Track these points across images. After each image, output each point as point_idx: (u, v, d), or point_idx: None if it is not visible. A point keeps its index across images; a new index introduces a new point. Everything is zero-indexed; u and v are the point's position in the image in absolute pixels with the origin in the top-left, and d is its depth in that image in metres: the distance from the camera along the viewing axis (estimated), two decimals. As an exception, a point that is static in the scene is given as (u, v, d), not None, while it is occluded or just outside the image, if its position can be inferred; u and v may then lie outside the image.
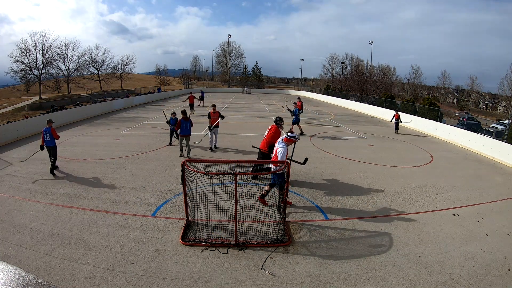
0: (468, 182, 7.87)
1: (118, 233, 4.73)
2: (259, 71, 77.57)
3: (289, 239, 4.63)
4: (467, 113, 38.16)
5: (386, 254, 4.41)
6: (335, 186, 7.12)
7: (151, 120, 17.09)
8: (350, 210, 5.85)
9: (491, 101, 56.92)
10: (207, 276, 3.80)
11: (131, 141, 11.31)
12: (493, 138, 11.96)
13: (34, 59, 39.36)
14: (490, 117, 43.59)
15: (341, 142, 12.36)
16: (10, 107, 33.28)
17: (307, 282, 3.74)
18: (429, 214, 5.79)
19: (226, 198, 4.70)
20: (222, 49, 70.99)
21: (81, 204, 5.78)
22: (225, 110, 22.26)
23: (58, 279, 3.60)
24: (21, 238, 4.52)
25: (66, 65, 44.81)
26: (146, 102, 28.09)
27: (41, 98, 38.35)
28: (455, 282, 3.83)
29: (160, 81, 62.62)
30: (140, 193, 6.34)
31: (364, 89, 39.89)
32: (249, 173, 4.35)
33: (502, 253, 4.52)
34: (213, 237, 4.59)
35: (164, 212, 5.50)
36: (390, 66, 53.14)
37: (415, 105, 24.55)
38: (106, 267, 3.87)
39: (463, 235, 5.05)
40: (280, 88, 64.63)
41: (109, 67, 53.26)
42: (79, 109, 18.50)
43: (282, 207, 4.89)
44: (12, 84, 42.63)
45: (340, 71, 55.72)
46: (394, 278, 3.85)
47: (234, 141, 11.59)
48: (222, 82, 67.87)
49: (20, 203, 5.77)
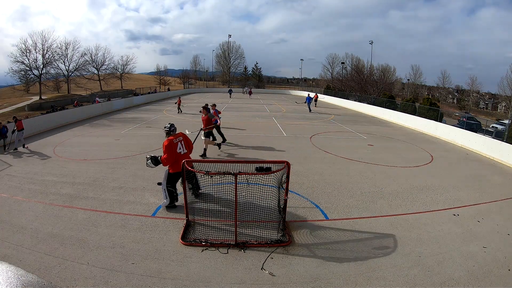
0: (468, 182, 7.87)
1: (118, 233, 4.73)
2: (259, 71, 77.66)
3: (289, 239, 4.62)
4: (467, 113, 38.12)
5: (386, 254, 4.40)
6: (335, 186, 7.12)
7: (151, 120, 17.09)
8: (350, 210, 5.85)
9: (491, 101, 56.91)
10: (207, 276, 3.79)
11: (131, 141, 11.31)
12: (493, 138, 11.95)
13: (34, 59, 39.47)
14: (490, 117, 43.57)
15: (341, 142, 12.36)
16: (10, 107, 33.29)
17: (307, 282, 3.74)
18: (429, 214, 5.79)
19: (226, 198, 4.70)
20: (222, 49, 71.06)
21: (81, 204, 5.78)
22: (225, 110, 22.28)
23: (58, 279, 3.60)
24: (21, 238, 4.52)
25: (66, 65, 44.95)
26: (146, 102, 28.12)
27: (41, 98, 38.38)
28: (455, 282, 3.83)
29: (160, 81, 62.66)
30: (140, 193, 6.34)
31: (364, 89, 39.89)
32: (249, 173, 4.34)
33: (502, 253, 4.52)
34: (213, 237, 4.59)
35: (164, 212, 5.50)
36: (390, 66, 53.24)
37: (415, 105, 24.52)
38: (106, 267, 3.87)
39: (463, 235, 5.05)
40: (280, 88, 64.60)
41: (109, 67, 53.36)
42: (79, 109, 18.51)
43: (282, 207, 4.88)
44: (12, 84, 42.65)
45: (340, 71, 55.76)
46: (394, 278, 3.85)
47: (234, 141, 11.59)
48: (222, 82, 67.85)
49: (20, 203, 5.77)
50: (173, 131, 5.57)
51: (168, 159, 5.28)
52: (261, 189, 4.77)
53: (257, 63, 77.32)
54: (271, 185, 4.87)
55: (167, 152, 5.28)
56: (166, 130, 5.57)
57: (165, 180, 5.46)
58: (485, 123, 22.54)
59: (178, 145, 5.48)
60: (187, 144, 5.72)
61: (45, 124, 13.85)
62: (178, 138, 5.55)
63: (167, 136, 5.54)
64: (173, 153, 5.33)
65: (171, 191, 5.53)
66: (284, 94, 49.76)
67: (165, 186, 5.45)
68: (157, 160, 5.44)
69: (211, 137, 9.53)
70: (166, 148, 5.28)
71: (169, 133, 5.54)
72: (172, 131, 5.55)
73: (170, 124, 5.64)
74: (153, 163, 5.45)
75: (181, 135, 5.69)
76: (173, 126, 5.61)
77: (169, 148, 5.29)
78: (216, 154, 9.50)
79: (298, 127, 15.74)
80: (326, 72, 67.10)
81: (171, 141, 5.38)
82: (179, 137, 5.60)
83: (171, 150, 5.32)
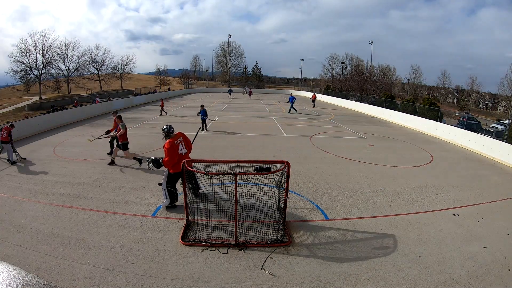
0: (468, 182, 7.87)
1: (118, 233, 4.73)
2: (259, 71, 77.66)
3: (289, 239, 4.62)
4: (467, 113, 38.11)
5: (386, 254, 4.40)
6: (335, 186, 7.12)
7: (151, 120, 17.09)
8: (350, 210, 5.85)
9: (491, 101, 56.90)
10: (207, 276, 3.79)
11: (131, 141, 11.27)
12: (493, 138, 11.95)
13: (34, 59, 39.46)
14: (490, 117, 43.55)
15: (341, 142, 12.36)
16: (10, 107, 33.29)
17: (307, 282, 3.74)
18: (429, 214, 5.79)
19: (226, 198, 4.70)
20: (222, 49, 71.04)
21: (81, 204, 5.78)
22: (225, 110, 22.29)
23: (58, 279, 3.60)
24: (21, 238, 4.52)
25: (66, 65, 44.93)
26: (146, 102, 28.12)
27: (41, 98, 38.37)
28: (455, 282, 3.83)
29: (160, 81, 62.65)
30: (140, 193, 6.34)
31: (364, 89, 39.90)
32: (249, 173, 4.34)
33: (502, 253, 4.52)
34: (213, 237, 4.59)
35: (164, 212, 5.50)
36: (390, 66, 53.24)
37: (415, 105, 24.52)
38: (106, 267, 3.87)
39: (463, 235, 5.05)
40: (280, 88, 64.60)
41: (109, 67, 53.37)
42: (79, 109, 18.52)
43: (282, 207, 4.88)
44: (12, 84, 42.65)
45: (340, 71, 55.76)
46: (394, 278, 3.85)
47: (234, 141, 11.60)
48: (222, 82, 67.84)
49: (20, 203, 5.77)
50: (172, 133, 5.53)
51: (170, 161, 5.24)
52: (261, 189, 4.77)
53: (257, 63, 77.39)
54: (271, 185, 4.86)
55: (169, 154, 5.22)
56: (165, 133, 5.49)
57: (165, 180, 5.45)
58: (485, 123, 22.54)
59: (179, 146, 5.45)
60: (186, 144, 5.71)
61: (45, 124, 13.84)
62: (178, 139, 5.51)
63: (166, 138, 5.47)
64: (175, 155, 5.30)
65: (171, 191, 5.52)
66: (284, 94, 49.66)
67: (165, 186, 5.45)
68: (159, 163, 5.42)
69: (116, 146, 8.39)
70: (168, 151, 5.22)
71: (168, 135, 5.49)
72: (171, 133, 5.51)
73: (168, 126, 5.55)
74: (155, 167, 5.43)
75: (180, 135, 5.66)
76: (171, 127, 5.55)
77: (171, 151, 5.24)
78: (211, 156, 9.50)
79: (298, 127, 15.74)
80: (326, 72, 67.18)
81: (172, 143, 5.32)
82: (179, 138, 5.56)
83: (173, 152, 5.28)
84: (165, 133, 5.51)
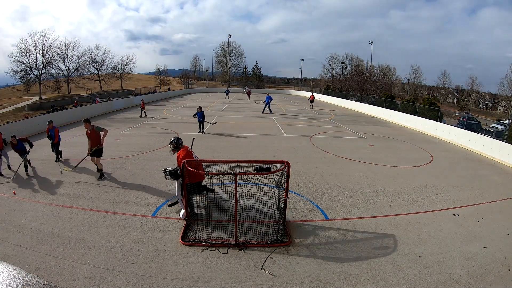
0: (468, 182, 7.87)
1: (118, 233, 4.73)
2: (259, 71, 77.63)
3: (289, 239, 4.63)
4: (467, 113, 38.09)
5: (386, 254, 4.41)
6: (335, 186, 7.12)
7: (151, 120, 17.09)
8: (350, 210, 5.85)
9: (491, 101, 56.89)
10: (207, 276, 3.80)
11: (131, 141, 11.31)
12: (493, 138, 11.95)
13: (34, 59, 39.44)
14: (490, 117, 43.54)
15: (341, 142, 12.36)
16: (10, 107, 33.28)
17: (307, 282, 3.74)
18: (429, 214, 5.79)
19: (226, 198, 4.69)
20: (222, 49, 70.96)
21: (81, 204, 5.78)
22: (225, 110, 22.28)
23: (58, 279, 3.60)
24: (21, 238, 4.52)
25: (66, 65, 44.90)
26: (146, 102, 28.03)
27: (41, 98, 38.37)
28: (455, 282, 3.83)
29: (160, 81, 62.64)
30: (140, 193, 6.34)
31: (364, 89, 39.88)
32: (249, 173, 4.34)
33: (502, 253, 4.52)
34: (213, 237, 4.59)
35: (164, 212, 5.50)
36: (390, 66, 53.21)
37: (415, 105, 24.52)
38: (106, 267, 3.87)
39: (463, 235, 5.05)
40: (280, 88, 64.58)
41: (109, 67, 53.34)
42: (79, 109, 18.52)
43: (282, 207, 4.89)
44: (12, 84, 42.61)
45: (340, 71, 55.73)
46: (394, 278, 3.85)
47: (234, 141, 11.60)
48: (222, 82, 67.82)
49: (20, 203, 5.77)
50: (181, 144, 5.43)
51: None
52: (261, 189, 4.77)
53: (257, 63, 77.30)
54: (271, 185, 4.87)
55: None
56: (174, 145, 5.40)
57: (180, 191, 5.18)
58: (485, 123, 22.53)
59: (193, 154, 5.37)
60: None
61: (45, 124, 13.72)
62: (189, 149, 5.41)
63: (176, 150, 5.37)
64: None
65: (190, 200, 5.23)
66: (284, 94, 49.76)
67: (181, 197, 5.15)
68: (176, 174, 5.14)
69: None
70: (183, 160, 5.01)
71: (177, 147, 5.38)
72: (180, 144, 5.41)
73: (176, 138, 5.47)
74: (173, 178, 5.18)
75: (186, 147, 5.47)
76: (179, 139, 5.47)
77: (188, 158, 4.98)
78: (211, 156, 9.50)
79: (298, 127, 15.74)
80: (326, 72, 67.02)
81: (187, 151, 5.22)
82: (188, 148, 5.44)
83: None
84: (173, 145, 5.42)
